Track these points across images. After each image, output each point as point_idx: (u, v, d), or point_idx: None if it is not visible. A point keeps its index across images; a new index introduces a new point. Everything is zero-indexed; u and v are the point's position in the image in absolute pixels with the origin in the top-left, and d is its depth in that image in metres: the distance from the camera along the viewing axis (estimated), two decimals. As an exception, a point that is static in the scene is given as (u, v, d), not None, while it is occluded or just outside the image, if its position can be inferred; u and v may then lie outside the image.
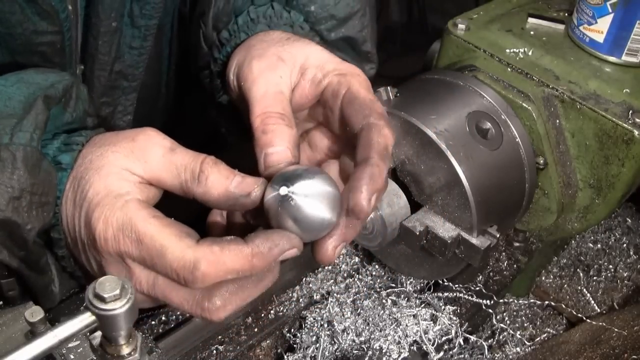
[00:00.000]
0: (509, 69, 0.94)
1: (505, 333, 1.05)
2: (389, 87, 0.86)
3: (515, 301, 1.13)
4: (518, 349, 1.03)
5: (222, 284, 0.64)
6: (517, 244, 1.07)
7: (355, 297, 0.96)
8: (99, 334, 0.54)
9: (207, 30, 0.93)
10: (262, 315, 0.94)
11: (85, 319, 0.51)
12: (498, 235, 0.83)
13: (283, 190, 0.66)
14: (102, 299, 0.50)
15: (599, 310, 1.10)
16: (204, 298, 0.65)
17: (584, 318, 1.06)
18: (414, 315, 0.91)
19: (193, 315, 0.68)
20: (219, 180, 0.65)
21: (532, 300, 1.13)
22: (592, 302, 1.11)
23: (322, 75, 0.77)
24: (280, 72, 0.76)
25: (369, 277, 1.01)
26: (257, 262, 0.63)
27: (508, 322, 1.10)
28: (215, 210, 0.77)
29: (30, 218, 0.64)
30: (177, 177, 0.67)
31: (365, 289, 0.98)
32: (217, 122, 1.02)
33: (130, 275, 0.65)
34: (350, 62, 0.97)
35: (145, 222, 0.63)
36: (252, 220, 0.72)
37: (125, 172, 0.66)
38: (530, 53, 0.95)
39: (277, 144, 0.70)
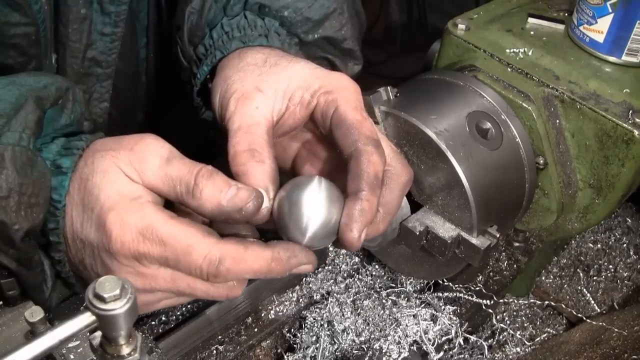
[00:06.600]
0: (509, 69, 0.94)
1: (505, 333, 1.05)
2: (389, 87, 0.86)
3: (515, 301, 1.13)
4: (518, 349, 1.03)
5: None
6: (517, 244, 1.07)
7: (355, 297, 0.96)
8: (99, 334, 0.54)
9: (184, 45, 0.93)
10: (262, 315, 0.94)
11: (85, 319, 0.51)
12: (498, 235, 0.83)
13: (288, 200, 0.68)
14: (102, 299, 0.50)
15: (599, 310, 1.10)
16: (226, 287, 0.70)
17: (584, 318, 1.06)
18: (414, 315, 0.91)
19: (218, 299, 0.72)
20: (212, 194, 0.65)
21: (532, 300, 1.13)
22: (592, 302, 1.11)
23: (310, 96, 0.76)
24: (257, 102, 0.74)
25: (369, 277, 1.01)
26: (274, 267, 0.67)
27: (508, 322, 1.10)
28: None
29: (18, 218, 0.64)
30: (173, 189, 0.67)
31: (365, 289, 0.98)
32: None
33: (146, 275, 0.67)
34: (334, 60, 0.97)
35: (166, 223, 0.65)
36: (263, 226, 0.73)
37: (130, 177, 0.67)
38: (530, 53, 0.95)
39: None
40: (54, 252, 0.71)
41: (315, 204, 0.67)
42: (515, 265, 1.06)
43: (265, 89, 0.76)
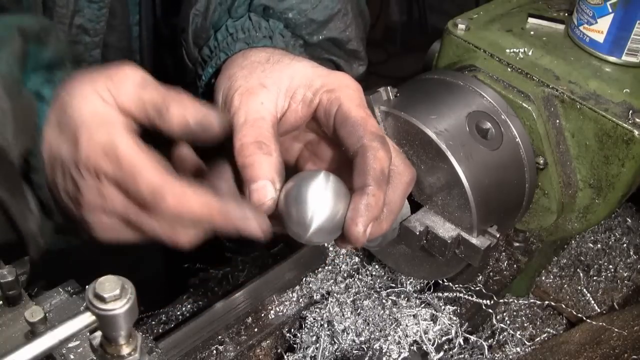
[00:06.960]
0: (509, 69, 0.94)
1: (505, 333, 1.05)
2: (389, 87, 0.86)
3: (515, 301, 1.13)
4: (518, 349, 1.03)
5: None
6: (517, 244, 1.07)
7: (355, 297, 0.96)
8: (99, 334, 0.54)
9: (189, 47, 0.93)
10: (262, 315, 0.94)
11: (85, 319, 0.51)
12: (498, 235, 0.83)
13: (294, 192, 0.68)
14: (102, 299, 0.50)
15: (599, 310, 1.10)
16: (170, 227, 0.68)
17: (584, 318, 1.06)
18: (414, 315, 0.91)
19: (164, 240, 0.70)
20: (179, 114, 0.68)
21: (532, 300, 1.13)
22: (592, 302, 1.11)
23: (312, 94, 0.75)
24: (262, 98, 0.74)
25: (369, 277, 1.01)
26: (217, 219, 0.66)
27: (508, 322, 1.10)
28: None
29: (15, 143, 0.66)
30: (144, 112, 0.69)
31: (365, 289, 0.98)
32: None
33: (104, 195, 0.68)
34: (338, 62, 0.97)
35: (127, 145, 0.66)
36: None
37: (105, 100, 0.69)
38: (530, 53, 0.95)
39: (257, 177, 0.69)
40: (34, 175, 0.72)
41: (321, 198, 0.67)
42: (515, 265, 1.06)
43: (269, 85, 0.76)
